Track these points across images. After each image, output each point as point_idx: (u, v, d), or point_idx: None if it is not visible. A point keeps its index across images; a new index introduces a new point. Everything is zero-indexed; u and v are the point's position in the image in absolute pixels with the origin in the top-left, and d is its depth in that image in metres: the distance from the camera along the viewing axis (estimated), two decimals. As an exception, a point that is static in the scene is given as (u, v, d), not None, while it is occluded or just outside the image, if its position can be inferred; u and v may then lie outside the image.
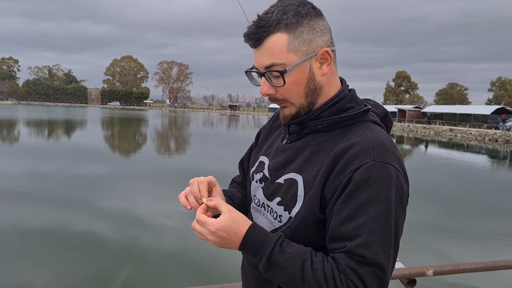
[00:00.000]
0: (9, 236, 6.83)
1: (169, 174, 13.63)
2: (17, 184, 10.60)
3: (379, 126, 1.03)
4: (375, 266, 0.88)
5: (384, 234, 0.89)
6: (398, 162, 0.94)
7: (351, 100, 1.04)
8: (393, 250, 0.90)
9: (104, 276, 5.50)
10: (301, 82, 0.99)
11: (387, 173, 0.91)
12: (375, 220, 0.88)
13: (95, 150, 19.96)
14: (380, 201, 0.89)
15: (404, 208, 0.94)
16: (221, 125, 53.71)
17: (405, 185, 0.95)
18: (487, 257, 6.51)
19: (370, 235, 0.88)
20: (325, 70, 1.00)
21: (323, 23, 1.00)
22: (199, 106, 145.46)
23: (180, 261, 6.11)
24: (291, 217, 1.01)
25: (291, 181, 1.02)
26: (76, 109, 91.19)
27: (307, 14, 0.98)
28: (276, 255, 0.93)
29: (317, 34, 0.98)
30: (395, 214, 0.91)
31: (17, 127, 33.17)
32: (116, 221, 7.91)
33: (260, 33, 0.97)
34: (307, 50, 0.98)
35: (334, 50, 1.02)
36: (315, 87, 1.01)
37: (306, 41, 0.97)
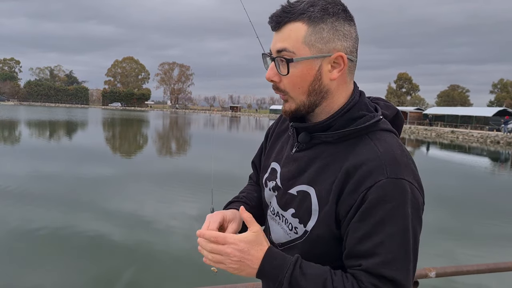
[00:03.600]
0: (15, 237, 6.84)
1: (172, 175, 13.62)
2: (21, 185, 10.60)
3: (391, 133, 1.00)
4: (395, 284, 0.87)
5: (402, 252, 0.88)
6: (412, 175, 0.93)
7: (362, 107, 1.01)
8: (412, 265, 0.90)
9: (110, 277, 5.50)
10: (306, 78, 0.97)
11: (401, 189, 0.89)
12: (393, 238, 0.88)
13: (98, 151, 19.97)
14: (397, 218, 0.88)
15: (420, 221, 0.93)
16: (222, 126, 53.73)
17: (421, 197, 0.94)
18: (490, 259, 6.48)
19: (389, 253, 0.87)
20: (334, 75, 0.97)
21: (349, 28, 0.97)
22: (200, 107, 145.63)
23: (186, 262, 6.11)
24: (306, 231, 1.00)
25: (304, 193, 1.01)
26: (77, 110, 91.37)
27: (335, 14, 0.95)
28: (297, 277, 0.91)
29: (337, 36, 0.95)
30: (412, 229, 0.90)
31: (19, 128, 33.24)
32: (121, 222, 7.91)
33: (283, 17, 0.95)
34: (322, 49, 0.95)
35: (353, 60, 0.99)
36: (320, 88, 0.98)
37: (324, 39, 0.95)
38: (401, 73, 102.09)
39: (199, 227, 1.00)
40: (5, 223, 7.47)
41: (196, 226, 7.97)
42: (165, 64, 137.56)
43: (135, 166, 15.86)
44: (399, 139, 1.02)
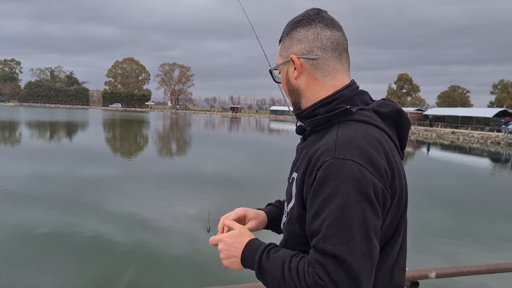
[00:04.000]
0: (15, 238, 6.85)
1: (172, 176, 13.63)
2: (22, 186, 10.62)
3: (364, 124, 1.04)
4: (336, 258, 0.90)
5: (342, 228, 0.91)
6: (365, 158, 0.96)
7: (345, 101, 1.08)
8: (360, 243, 0.91)
9: (110, 278, 5.51)
10: (283, 82, 1.19)
11: (345, 169, 0.94)
12: (333, 215, 0.92)
13: (98, 152, 19.99)
14: (337, 196, 0.92)
15: (370, 202, 0.94)
16: (223, 127, 53.72)
17: (375, 178, 0.96)
18: (490, 259, 6.47)
19: (328, 229, 0.93)
20: (295, 75, 1.13)
21: (305, 33, 1.11)
22: (201, 108, 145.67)
23: (186, 263, 6.12)
24: (288, 213, 1.13)
25: (292, 179, 1.13)
26: (78, 111, 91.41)
27: (292, 26, 1.15)
28: (263, 261, 1.03)
29: (293, 42, 1.13)
30: (357, 207, 0.92)
31: (19, 129, 33.24)
32: (121, 223, 7.92)
33: (280, 38, 1.22)
34: (286, 56, 1.15)
35: (314, 58, 1.10)
36: (292, 88, 1.16)
37: (286, 48, 1.16)
38: (402, 73, 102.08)
39: (199, 227, 1.12)
40: (6, 224, 7.47)
41: (196, 226, 7.95)
42: (165, 65, 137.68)
43: (136, 167, 15.88)
44: (379, 130, 1.05)
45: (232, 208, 1.33)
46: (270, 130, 53.88)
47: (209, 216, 1.55)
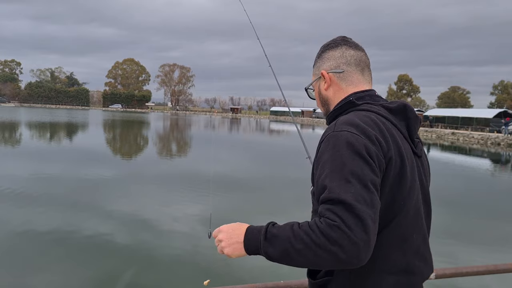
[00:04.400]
0: (17, 238, 6.88)
1: (173, 177, 13.68)
2: (23, 186, 10.65)
3: (366, 112, 1.26)
4: (342, 203, 1.04)
5: (343, 180, 1.08)
6: (358, 129, 1.16)
7: (357, 100, 1.32)
8: (360, 191, 1.06)
9: (111, 278, 5.54)
10: (316, 95, 1.47)
11: (340, 136, 1.15)
12: (334, 171, 1.10)
13: (99, 152, 20.02)
14: (336, 157, 1.12)
15: (365, 159, 1.11)
16: (223, 128, 53.72)
17: (368, 142, 1.13)
18: (490, 260, 6.47)
19: (331, 182, 1.09)
20: (325, 87, 1.39)
21: (332, 53, 1.38)
22: (201, 109, 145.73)
23: (187, 264, 6.15)
24: (312, 197, 1.31)
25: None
26: (78, 111, 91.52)
27: (323, 48, 1.43)
28: (270, 230, 1.13)
29: (322, 61, 1.41)
30: (353, 162, 1.09)
31: (20, 130, 33.28)
32: (122, 223, 7.95)
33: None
34: (317, 74, 1.43)
35: (340, 71, 1.36)
36: (323, 99, 1.42)
37: (317, 67, 1.44)
38: (402, 74, 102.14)
39: (200, 227, 1.13)
40: (7, 225, 7.50)
41: (197, 227, 7.98)
42: (165, 65, 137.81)
43: (136, 168, 15.92)
44: (378, 116, 1.24)
45: (233, 208, 1.38)
46: (271, 130, 53.91)
47: (210, 221, 1.56)
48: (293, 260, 1.07)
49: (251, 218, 9.05)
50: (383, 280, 1.17)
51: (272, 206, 9.92)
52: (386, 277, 1.17)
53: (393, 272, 1.18)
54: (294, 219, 1.09)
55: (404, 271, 1.20)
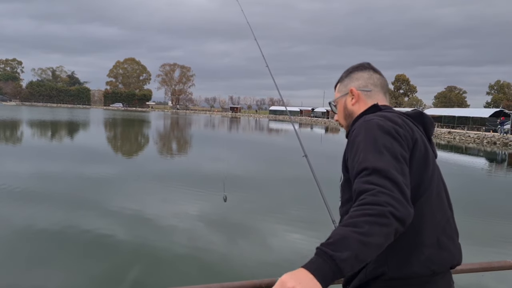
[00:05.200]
0: (20, 237, 6.89)
1: (175, 175, 13.83)
2: (25, 185, 10.69)
3: (390, 112, 1.41)
4: (376, 170, 1.13)
5: (376, 151, 1.19)
6: (386, 117, 1.32)
7: (371, 111, 1.47)
8: (391, 160, 1.17)
9: (113, 277, 5.59)
10: (340, 109, 1.61)
11: (370, 122, 1.30)
12: (366, 147, 1.22)
13: (100, 151, 20.21)
14: (368, 136, 1.24)
15: (395, 136, 1.25)
16: (223, 127, 54.08)
17: (395, 125, 1.28)
18: (484, 258, 6.85)
19: (365, 155, 1.19)
20: (352, 102, 1.55)
21: (361, 73, 1.56)
22: (201, 108, 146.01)
23: (189, 261, 6.22)
24: (341, 190, 1.46)
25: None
26: (79, 110, 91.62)
27: (352, 69, 1.60)
28: (326, 243, 1.03)
29: (351, 80, 1.58)
30: (383, 138, 1.22)
31: (21, 128, 33.43)
32: (124, 221, 8.02)
33: (336, 83, 1.68)
34: (345, 90, 1.59)
35: (367, 90, 1.54)
36: (348, 113, 1.57)
37: (344, 85, 1.60)
38: (399, 74, 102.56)
39: (202, 226, 1.26)
40: (9, 223, 7.52)
41: (199, 225, 8.16)
42: (166, 65, 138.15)
43: (138, 166, 16.01)
44: (400, 115, 1.40)
45: (238, 207, 1.80)
46: (270, 129, 54.23)
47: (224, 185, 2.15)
48: (370, 245, 1.00)
49: (255, 218, 9.55)
50: (420, 253, 1.25)
51: (271, 204, 10.23)
52: (422, 249, 1.26)
53: (427, 245, 1.26)
54: (293, 217, 1.51)
55: (436, 245, 1.28)
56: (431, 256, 1.26)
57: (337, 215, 1.63)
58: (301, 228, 8.17)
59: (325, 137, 43.10)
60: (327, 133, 50.89)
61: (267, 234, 7.77)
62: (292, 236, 7.71)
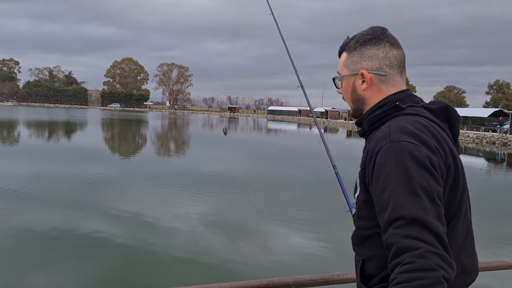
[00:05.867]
0: (16, 238, 6.89)
1: (174, 176, 13.78)
2: (22, 186, 10.66)
3: (414, 116, 1.20)
4: (417, 221, 0.98)
5: (412, 194, 1.02)
6: (416, 138, 1.11)
7: (394, 103, 1.25)
8: (430, 206, 1.02)
9: (113, 277, 5.60)
10: (348, 90, 1.36)
11: (401, 147, 1.08)
12: (400, 185, 1.03)
13: (97, 151, 20.11)
14: (400, 169, 1.05)
15: (430, 170, 1.06)
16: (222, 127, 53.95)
17: (429, 152, 1.09)
18: (483, 258, 6.81)
19: (399, 197, 1.02)
20: (364, 87, 1.29)
21: (375, 51, 1.28)
22: (199, 108, 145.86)
23: (188, 262, 6.22)
24: (356, 202, 1.28)
25: (358, 173, 1.27)
26: (77, 110, 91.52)
27: (363, 43, 1.29)
28: None
29: (363, 58, 1.29)
30: (419, 175, 1.04)
31: (18, 129, 33.40)
32: (125, 223, 8.01)
33: (340, 50, 1.38)
34: (353, 69, 1.31)
35: (382, 74, 1.28)
36: (357, 97, 1.33)
37: (354, 62, 1.31)
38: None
39: (200, 227, 1.05)
40: (7, 224, 7.49)
41: (198, 226, 8.10)
42: (164, 65, 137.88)
43: (136, 167, 15.99)
44: (427, 120, 1.20)
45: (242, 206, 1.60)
46: (268, 129, 54.21)
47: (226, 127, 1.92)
48: None
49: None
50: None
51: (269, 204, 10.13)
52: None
53: None
54: (295, 218, 1.24)
55: (461, 271, 1.18)
56: (455, 285, 1.11)
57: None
58: (301, 229, 8.08)
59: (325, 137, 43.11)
60: (326, 133, 51.08)
61: (266, 234, 7.70)
62: (292, 236, 7.63)
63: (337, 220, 7.89)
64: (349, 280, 1.88)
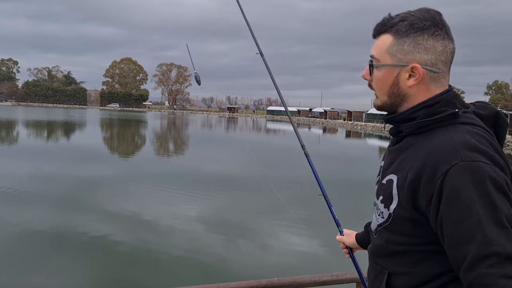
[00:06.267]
0: (15, 238, 6.90)
1: (172, 176, 13.79)
2: (21, 185, 10.69)
3: (473, 126, 1.05)
4: (509, 257, 0.88)
5: (500, 226, 0.90)
6: (489, 157, 0.97)
7: (446, 104, 1.08)
8: None
9: (112, 277, 5.61)
10: (386, 82, 1.12)
11: (479, 171, 0.94)
12: (485, 216, 0.91)
13: (97, 151, 20.12)
14: (483, 198, 0.92)
15: (507, 195, 0.96)
16: (222, 127, 54.05)
17: (503, 174, 0.98)
18: None
19: (487, 230, 0.90)
20: (411, 83, 1.09)
21: (434, 43, 1.06)
22: (198, 108, 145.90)
23: (187, 262, 6.25)
24: (390, 214, 1.10)
25: (389, 181, 1.12)
26: (76, 110, 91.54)
27: (420, 29, 1.06)
28: None
29: (418, 49, 1.06)
30: (502, 203, 0.93)
31: (17, 129, 33.40)
32: (123, 223, 8.03)
33: (379, 28, 1.13)
34: (401, 59, 1.08)
35: (436, 71, 1.09)
36: (398, 93, 1.12)
37: (404, 51, 1.08)
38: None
39: (199, 227, 1.04)
40: (6, 224, 7.51)
41: (197, 226, 8.10)
42: (163, 65, 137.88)
43: (135, 167, 16.02)
44: (485, 131, 1.05)
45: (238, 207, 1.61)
46: (267, 130, 54.27)
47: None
48: None
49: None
50: None
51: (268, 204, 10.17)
52: None
53: None
54: (293, 218, 1.19)
55: None
56: None
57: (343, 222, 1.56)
58: (300, 229, 8.07)
59: (323, 137, 43.26)
60: (325, 133, 51.17)
61: (265, 235, 7.66)
62: (291, 237, 7.61)
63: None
64: (347, 280, 1.90)
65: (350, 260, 1.55)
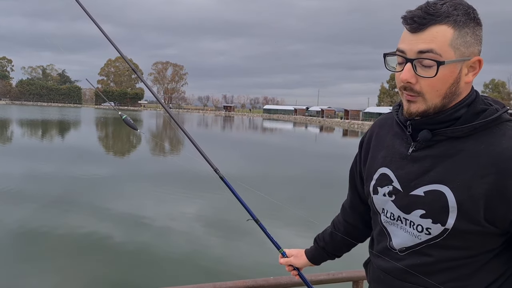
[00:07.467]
0: (14, 238, 6.88)
1: (170, 175, 13.79)
2: (17, 185, 10.65)
3: None
4: None
5: None
6: None
7: (481, 101, 1.02)
8: None
9: (110, 277, 5.61)
10: (448, 81, 0.97)
11: None
12: None
13: (91, 151, 20.08)
14: None
15: None
16: (220, 126, 53.97)
17: None
18: None
19: None
20: (470, 78, 0.99)
21: (481, 33, 0.99)
22: (194, 107, 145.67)
23: (184, 261, 6.25)
24: (446, 229, 0.99)
25: (435, 193, 1.00)
26: (70, 109, 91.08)
27: (474, 19, 0.97)
28: None
29: (477, 41, 0.98)
30: None
31: (11, 128, 33.21)
32: (120, 223, 8.01)
33: (428, 19, 0.95)
34: (464, 53, 0.96)
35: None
36: (455, 91, 0.99)
37: (467, 43, 0.96)
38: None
39: (198, 226, 1.03)
40: (3, 224, 7.48)
41: (194, 226, 8.14)
42: (158, 63, 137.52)
43: (131, 166, 16.01)
44: None
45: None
46: (264, 129, 54.26)
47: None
48: None
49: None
50: None
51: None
52: None
53: None
54: (290, 217, 1.18)
55: None
56: None
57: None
58: (298, 228, 8.10)
59: (320, 136, 43.30)
60: (322, 132, 51.24)
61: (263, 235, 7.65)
62: (287, 236, 7.62)
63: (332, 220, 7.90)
64: (343, 279, 1.89)
65: (347, 260, 1.51)
